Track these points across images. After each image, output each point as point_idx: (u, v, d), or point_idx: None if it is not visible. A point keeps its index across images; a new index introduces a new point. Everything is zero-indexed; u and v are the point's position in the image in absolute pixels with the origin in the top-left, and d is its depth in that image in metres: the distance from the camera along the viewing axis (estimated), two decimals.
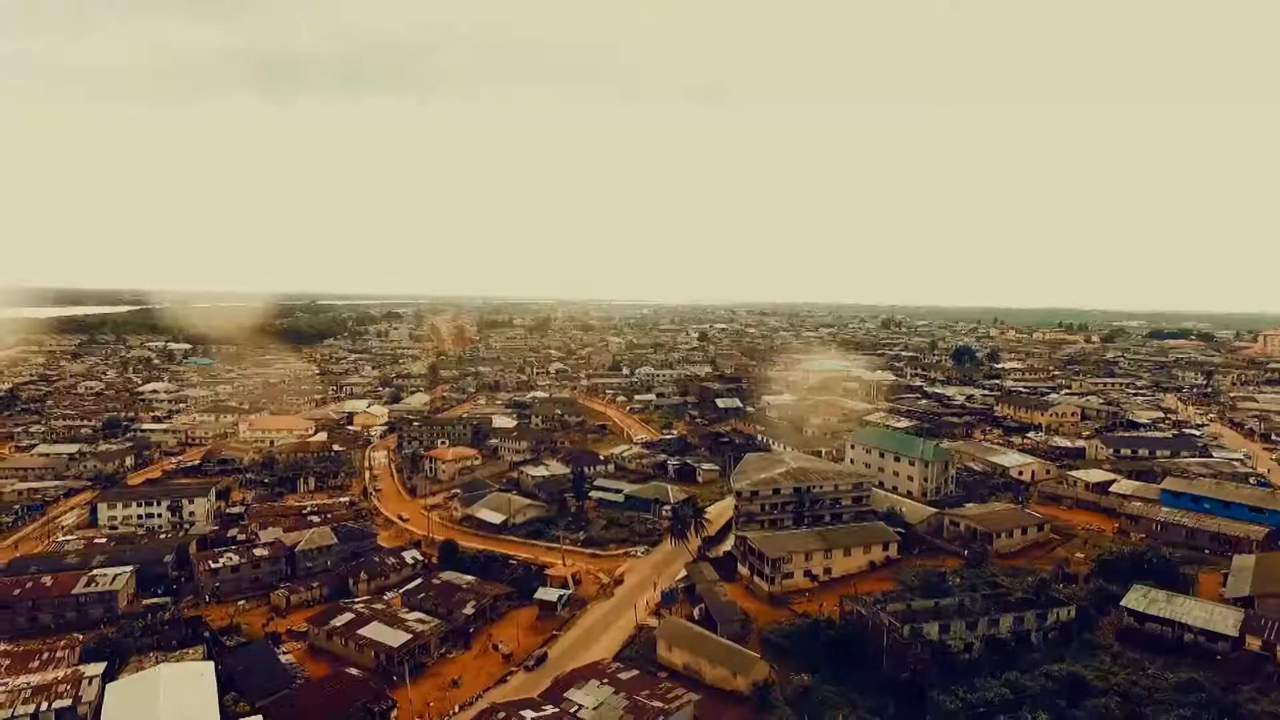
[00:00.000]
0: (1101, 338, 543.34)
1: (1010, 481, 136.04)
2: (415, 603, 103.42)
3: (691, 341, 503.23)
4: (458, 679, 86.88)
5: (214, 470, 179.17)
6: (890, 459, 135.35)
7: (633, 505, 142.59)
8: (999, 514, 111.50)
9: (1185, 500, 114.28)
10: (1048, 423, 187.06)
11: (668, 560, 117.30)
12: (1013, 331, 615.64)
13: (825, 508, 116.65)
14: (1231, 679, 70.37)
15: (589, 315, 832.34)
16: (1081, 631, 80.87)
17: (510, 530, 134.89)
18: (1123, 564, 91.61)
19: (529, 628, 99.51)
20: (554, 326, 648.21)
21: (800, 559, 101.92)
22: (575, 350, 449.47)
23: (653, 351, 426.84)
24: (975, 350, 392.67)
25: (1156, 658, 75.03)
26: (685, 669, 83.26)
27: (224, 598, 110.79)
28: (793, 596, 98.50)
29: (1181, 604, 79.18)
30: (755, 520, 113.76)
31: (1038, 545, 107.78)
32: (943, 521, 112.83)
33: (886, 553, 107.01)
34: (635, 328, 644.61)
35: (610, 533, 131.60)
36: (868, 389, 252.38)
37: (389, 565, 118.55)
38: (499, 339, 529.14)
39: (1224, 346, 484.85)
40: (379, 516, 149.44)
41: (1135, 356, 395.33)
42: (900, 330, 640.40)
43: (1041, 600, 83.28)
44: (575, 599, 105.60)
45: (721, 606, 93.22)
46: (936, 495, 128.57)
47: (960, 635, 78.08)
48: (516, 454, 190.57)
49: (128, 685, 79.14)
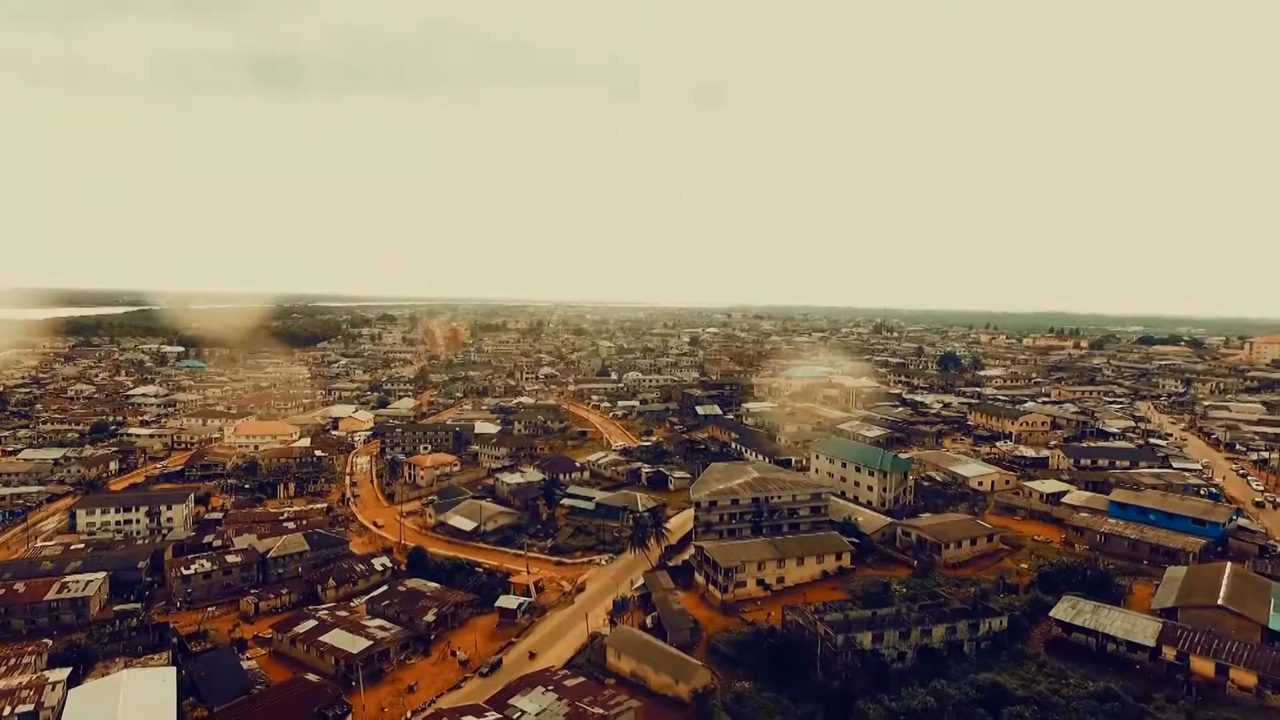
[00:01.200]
0: (1090, 344, 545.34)
1: (969, 492, 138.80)
2: (379, 610, 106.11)
3: (683, 346, 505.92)
4: (414, 685, 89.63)
5: (196, 476, 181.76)
6: (851, 469, 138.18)
7: (602, 513, 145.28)
8: (949, 525, 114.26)
9: (1132, 512, 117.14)
10: (1017, 431, 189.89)
11: (630, 569, 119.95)
12: (1003, 337, 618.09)
13: (784, 517, 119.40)
14: (1146, 688, 73.27)
15: (583, 319, 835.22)
16: (1013, 641, 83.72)
17: (481, 537, 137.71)
18: (1061, 575, 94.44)
19: (488, 635, 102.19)
20: (547, 330, 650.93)
21: (753, 568, 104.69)
22: (566, 355, 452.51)
23: (642, 356, 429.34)
24: (960, 357, 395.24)
25: (1080, 667, 77.88)
26: (632, 676, 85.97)
27: (195, 604, 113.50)
28: (745, 605, 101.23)
29: (1106, 615, 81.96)
30: (714, 530, 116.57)
31: (986, 555, 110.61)
32: (896, 531, 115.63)
33: (839, 562, 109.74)
34: (628, 331, 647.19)
35: (577, 540, 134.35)
36: (848, 396, 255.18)
37: (358, 572, 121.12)
38: (492, 343, 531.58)
39: (1210, 353, 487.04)
40: (354, 523, 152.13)
41: (1120, 363, 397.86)
42: (892, 335, 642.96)
43: (976, 611, 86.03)
44: (536, 606, 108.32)
45: (673, 615, 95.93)
46: (895, 505, 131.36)
47: (894, 645, 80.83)
48: (495, 460, 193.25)
49: (89, 690, 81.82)
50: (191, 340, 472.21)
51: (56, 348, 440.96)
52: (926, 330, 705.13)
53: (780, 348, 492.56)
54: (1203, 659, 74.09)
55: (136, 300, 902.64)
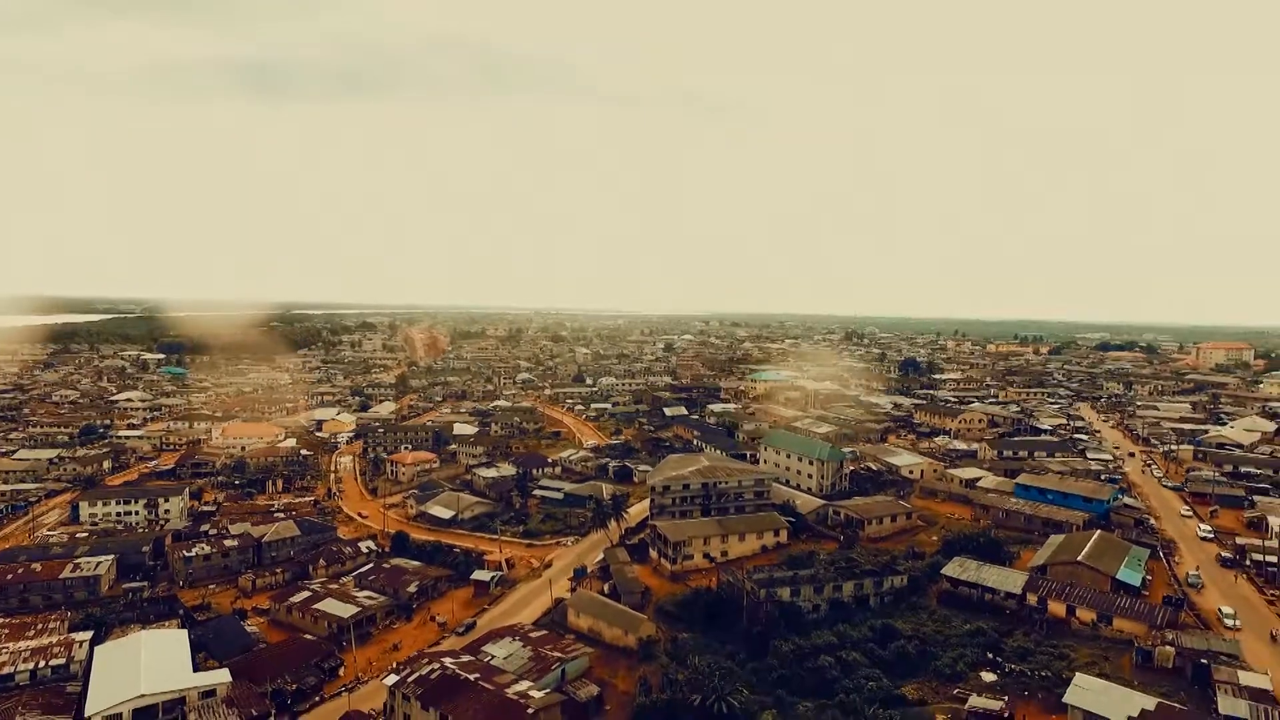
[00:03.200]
0: (1050, 350, 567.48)
1: (901, 479, 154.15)
2: (366, 584, 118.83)
3: (657, 352, 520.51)
4: (398, 644, 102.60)
5: (188, 474, 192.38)
6: (794, 459, 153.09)
7: (571, 502, 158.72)
8: (873, 505, 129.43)
9: (1033, 493, 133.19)
10: (956, 428, 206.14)
11: (593, 548, 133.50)
12: (969, 343, 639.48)
13: (730, 500, 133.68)
14: (1010, 626, 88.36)
15: (562, 326, 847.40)
16: (912, 596, 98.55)
17: (458, 525, 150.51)
18: (961, 543, 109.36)
19: (465, 603, 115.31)
20: (526, 337, 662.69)
21: (700, 543, 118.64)
22: (544, 361, 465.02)
23: (617, 362, 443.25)
24: (920, 362, 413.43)
25: (963, 613, 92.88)
26: (589, 631, 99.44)
27: (196, 583, 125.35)
28: (691, 574, 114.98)
29: (986, 571, 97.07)
30: (667, 512, 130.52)
31: (904, 531, 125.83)
32: (828, 511, 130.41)
33: (777, 538, 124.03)
34: (606, 338, 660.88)
35: (546, 525, 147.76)
36: (808, 397, 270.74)
37: (346, 554, 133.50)
38: (471, 349, 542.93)
39: (1162, 358, 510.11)
40: (340, 514, 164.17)
41: (1072, 368, 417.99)
42: (862, 341, 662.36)
43: (882, 571, 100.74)
44: (507, 580, 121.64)
45: (626, 582, 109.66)
46: (832, 490, 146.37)
47: (809, 598, 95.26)
48: (473, 458, 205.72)
49: (113, 647, 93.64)
50: (172, 346, 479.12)
51: (35, 355, 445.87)
52: (897, 337, 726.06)
53: (752, 354, 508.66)
54: (1056, 602, 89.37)
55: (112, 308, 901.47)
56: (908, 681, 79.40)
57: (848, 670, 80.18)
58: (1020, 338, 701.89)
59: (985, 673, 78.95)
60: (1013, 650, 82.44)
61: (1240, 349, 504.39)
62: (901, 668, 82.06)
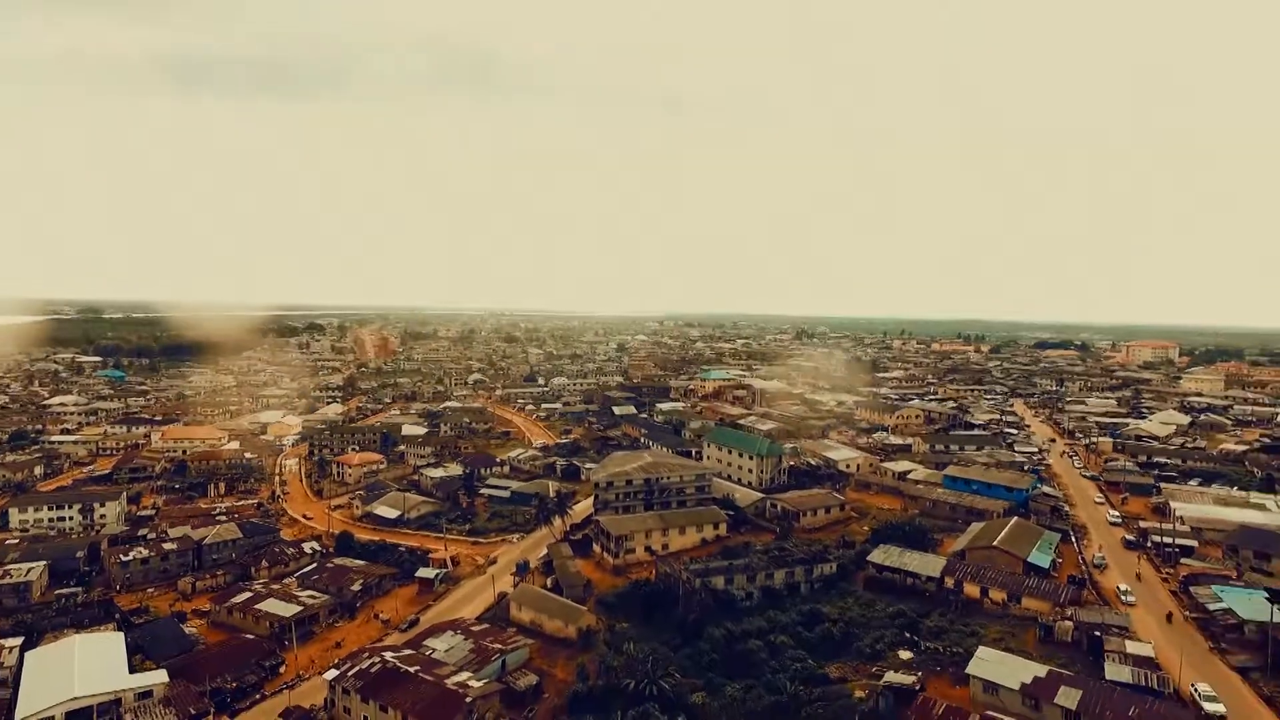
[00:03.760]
0: (991, 348, 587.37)
1: (837, 473, 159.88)
2: (309, 583, 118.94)
3: (610, 353, 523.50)
4: (341, 641, 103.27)
5: (125, 478, 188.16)
6: (735, 454, 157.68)
7: (517, 500, 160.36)
8: (808, 497, 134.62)
9: (960, 483, 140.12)
10: (894, 424, 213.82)
11: (538, 544, 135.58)
12: (915, 342, 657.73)
13: (672, 495, 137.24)
14: (929, 608, 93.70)
15: (516, 327, 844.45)
16: (841, 582, 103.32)
17: (405, 524, 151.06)
18: (888, 532, 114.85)
19: (409, 601, 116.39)
20: (478, 338, 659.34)
21: (642, 537, 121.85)
22: (496, 362, 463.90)
23: (570, 362, 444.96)
24: (863, 360, 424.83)
25: (887, 596, 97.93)
26: (531, 623, 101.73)
27: (134, 587, 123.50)
28: (633, 567, 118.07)
29: (908, 556, 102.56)
30: (611, 507, 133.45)
31: (837, 521, 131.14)
32: (765, 504, 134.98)
33: (717, 531, 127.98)
34: (559, 339, 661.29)
35: (493, 523, 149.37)
36: (754, 396, 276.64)
37: (289, 555, 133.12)
38: (422, 351, 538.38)
39: (1094, 356, 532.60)
40: (284, 516, 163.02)
41: (1010, 365, 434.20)
42: (812, 340, 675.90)
43: (812, 559, 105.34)
44: (451, 576, 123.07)
45: (568, 575, 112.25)
46: (771, 484, 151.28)
47: (743, 586, 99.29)
48: (421, 459, 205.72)
49: (45, 652, 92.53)
50: (109, 349, 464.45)
51: None
52: (846, 336, 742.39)
53: (704, 353, 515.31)
54: (971, 584, 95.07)
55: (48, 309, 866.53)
56: (831, 662, 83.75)
57: (775, 653, 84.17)
58: (964, 337, 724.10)
59: (903, 651, 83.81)
60: (929, 629, 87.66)
61: (1166, 347, 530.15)
62: (826, 649, 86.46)
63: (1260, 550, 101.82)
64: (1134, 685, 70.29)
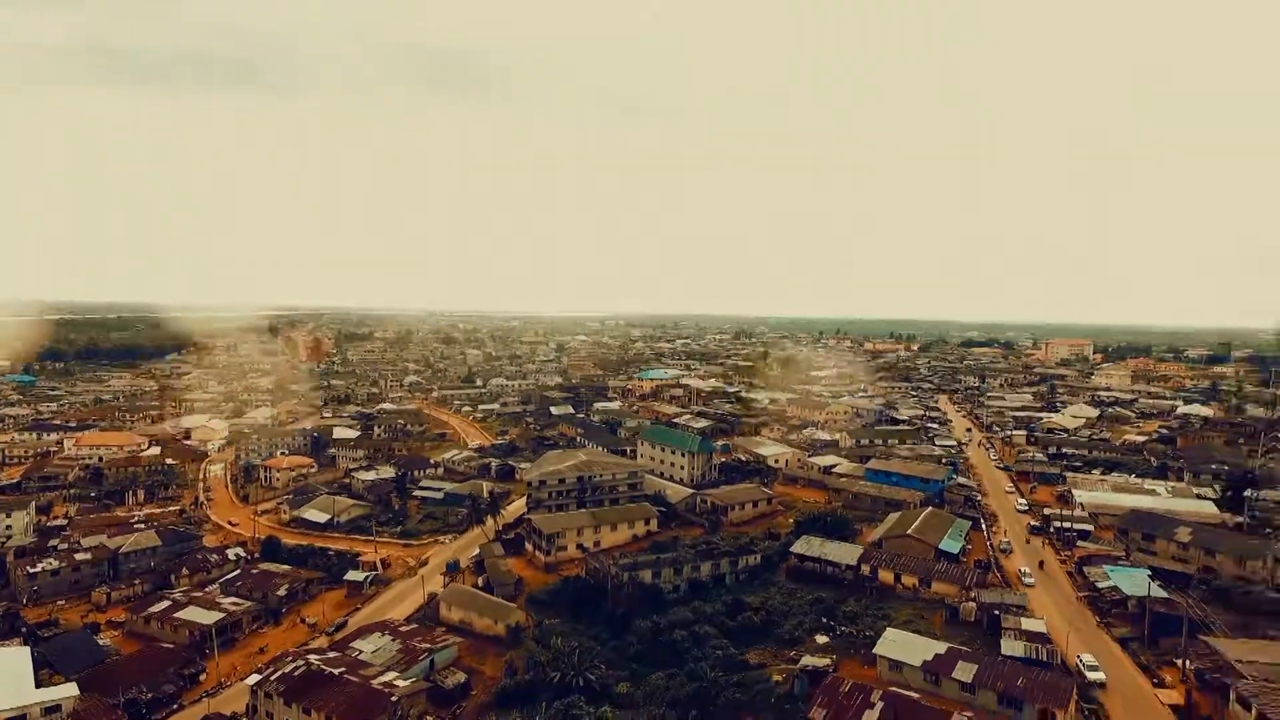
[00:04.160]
0: (920, 347, 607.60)
1: (766, 468, 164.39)
2: (233, 590, 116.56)
3: (549, 353, 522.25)
4: (265, 647, 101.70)
5: (35, 487, 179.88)
6: (668, 452, 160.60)
7: (450, 501, 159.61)
8: (737, 492, 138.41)
9: (881, 476, 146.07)
10: (823, 419, 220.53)
11: (471, 544, 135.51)
12: (849, 341, 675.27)
13: (605, 493, 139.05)
14: (846, 594, 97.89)
15: (455, 328, 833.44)
16: (765, 572, 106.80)
17: (335, 528, 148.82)
18: (811, 523, 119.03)
19: (336, 604, 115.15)
20: (416, 339, 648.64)
21: (573, 534, 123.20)
22: (433, 363, 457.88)
23: (509, 363, 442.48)
24: (798, 359, 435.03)
25: (808, 585, 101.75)
26: (460, 622, 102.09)
27: (43, 600, 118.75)
28: (564, 564, 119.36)
29: (828, 546, 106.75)
30: (543, 505, 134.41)
31: (765, 515, 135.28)
32: (695, 500, 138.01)
33: (648, 527, 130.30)
34: (499, 340, 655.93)
35: (425, 525, 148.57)
36: (690, 395, 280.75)
37: (212, 561, 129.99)
38: (357, 352, 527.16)
39: (1016, 354, 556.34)
40: (208, 523, 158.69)
41: (938, 363, 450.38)
42: (750, 340, 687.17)
43: (738, 551, 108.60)
44: (381, 579, 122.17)
45: (499, 574, 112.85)
46: (702, 480, 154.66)
47: (670, 579, 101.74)
48: (354, 462, 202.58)
49: None
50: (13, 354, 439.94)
51: None
52: (784, 336, 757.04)
53: (644, 354, 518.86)
54: (886, 571, 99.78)
55: None
56: (752, 648, 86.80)
57: (699, 642, 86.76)
58: (895, 336, 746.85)
59: (820, 636, 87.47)
60: (845, 614, 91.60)
61: (1082, 345, 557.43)
62: (748, 637, 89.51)
63: (1147, 532, 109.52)
64: (1026, 659, 75.38)
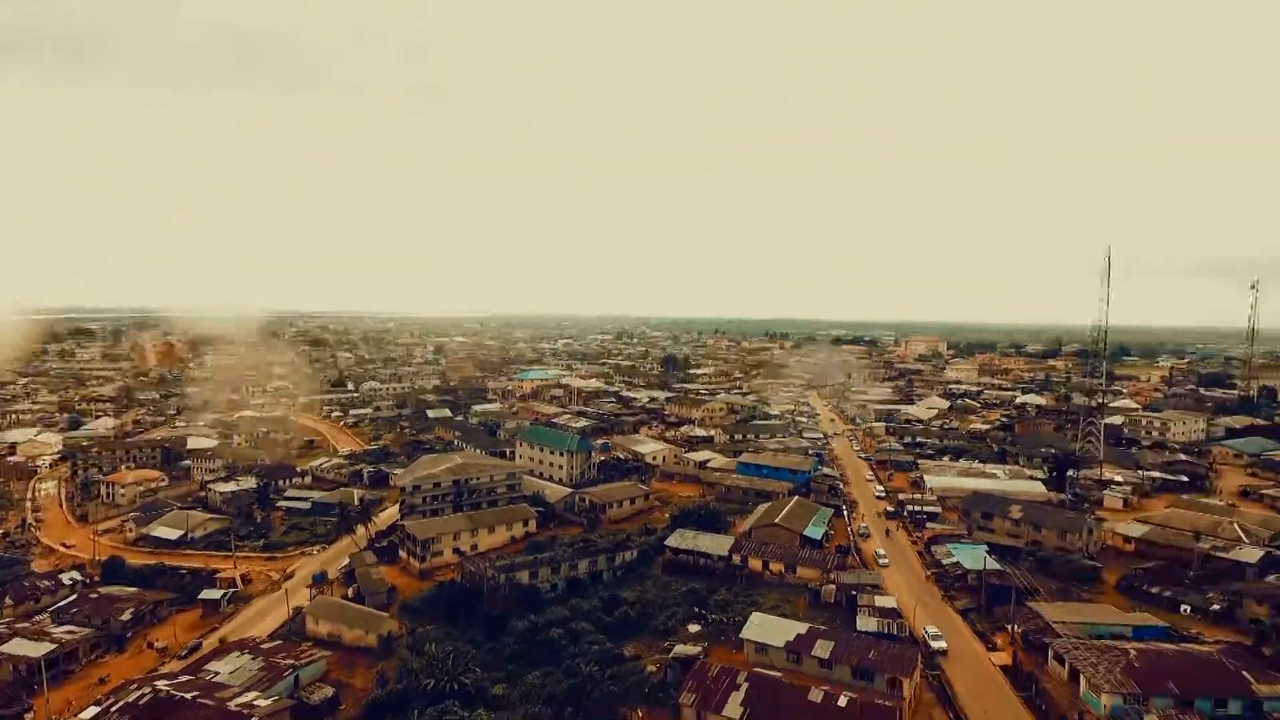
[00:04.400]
0: (793, 345, 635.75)
1: (644, 465, 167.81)
2: (67, 618, 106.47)
3: (427, 355, 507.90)
4: (106, 676, 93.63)
5: None
6: (546, 452, 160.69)
7: (319, 511, 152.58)
8: (614, 490, 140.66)
9: (752, 469, 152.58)
10: (700, 416, 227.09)
11: (341, 554, 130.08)
12: (727, 340, 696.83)
13: (483, 495, 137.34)
14: (718, 584, 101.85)
15: (325, 329, 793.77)
16: (641, 567, 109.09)
17: (190, 544, 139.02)
18: (686, 517, 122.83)
19: (191, 625, 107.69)
20: (282, 342, 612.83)
21: (449, 539, 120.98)
22: (301, 367, 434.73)
23: (383, 366, 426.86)
24: (679, 358, 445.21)
25: (683, 577, 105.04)
26: (329, 635, 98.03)
27: None
28: (440, 570, 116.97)
29: (701, 539, 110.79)
30: (418, 511, 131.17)
31: (642, 511, 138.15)
32: (574, 499, 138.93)
33: (526, 528, 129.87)
34: (372, 341, 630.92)
35: (290, 537, 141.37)
36: (571, 394, 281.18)
37: (42, 589, 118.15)
38: (216, 357, 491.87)
39: (880, 351, 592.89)
40: (38, 546, 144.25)
41: (809, 360, 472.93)
42: (631, 340, 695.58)
43: (615, 548, 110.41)
44: (241, 596, 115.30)
45: (371, 583, 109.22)
46: (581, 479, 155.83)
47: (547, 579, 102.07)
48: (210, 473, 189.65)
49: None
50: None
51: None
52: (665, 336, 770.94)
53: (525, 354, 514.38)
54: (755, 559, 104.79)
55: None
56: (629, 642, 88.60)
57: (576, 639, 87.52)
58: (771, 335, 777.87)
59: (693, 625, 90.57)
60: (717, 603, 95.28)
61: (936, 342, 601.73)
62: (625, 630, 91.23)
63: (985, 512, 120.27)
64: (879, 633, 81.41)
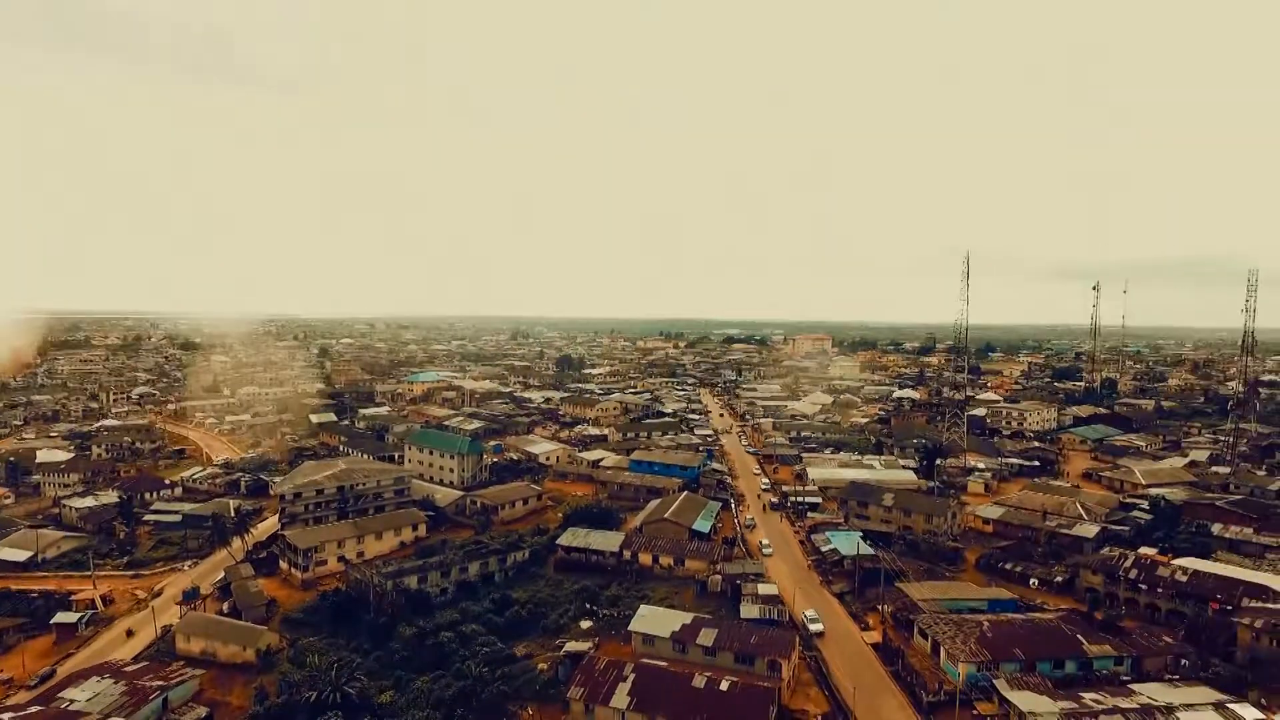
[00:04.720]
0: (687, 344, 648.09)
1: (538, 465, 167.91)
2: None
3: (311, 358, 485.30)
4: None
5: None
6: (437, 455, 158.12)
7: (191, 524, 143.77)
8: (506, 491, 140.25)
9: (644, 466, 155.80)
10: (594, 416, 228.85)
11: (216, 568, 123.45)
12: (622, 340, 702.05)
13: (369, 501, 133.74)
14: (610, 580, 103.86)
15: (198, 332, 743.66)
16: (533, 567, 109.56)
17: (41, 566, 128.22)
18: (578, 515, 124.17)
19: (43, 652, 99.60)
20: (148, 346, 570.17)
21: (334, 547, 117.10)
22: (170, 372, 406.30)
23: (263, 370, 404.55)
24: (575, 358, 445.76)
25: (575, 575, 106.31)
26: (202, 653, 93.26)
27: None
28: (325, 580, 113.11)
29: (592, 536, 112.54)
30: (300, 519, 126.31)
31: (535, 511, 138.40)
32: (466, 502, 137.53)
33: (416, 533, 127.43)
34: (251, 344, 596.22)
35: (159, 552, 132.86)
36: (464, 396, 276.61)
37: None
38: (70, 362, 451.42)
39: (770, 349, 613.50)
40: None
41: (702, 359, 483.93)
42: (527, 340, 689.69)
43: (506, 549, 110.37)
44: (102, 617, 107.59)
45: (248, 596, 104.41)
46: (473, 481, 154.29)
47: (436, 583, 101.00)
48: (65, 488, 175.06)
49: None
50: None
51: None
52: (561, 336, 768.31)
53: (416, 356, 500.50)
54: (645, 554, 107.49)
55: None
56: (521, 641, 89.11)
57: (466, 641, 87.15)
58: (665, 334, 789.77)
59: (584, 621, 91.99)
60: (608, 599, 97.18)
61: (823, 340, 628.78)
62: (517, 630, 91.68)
63: (861, 500, 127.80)
64: (761, 620, 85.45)
